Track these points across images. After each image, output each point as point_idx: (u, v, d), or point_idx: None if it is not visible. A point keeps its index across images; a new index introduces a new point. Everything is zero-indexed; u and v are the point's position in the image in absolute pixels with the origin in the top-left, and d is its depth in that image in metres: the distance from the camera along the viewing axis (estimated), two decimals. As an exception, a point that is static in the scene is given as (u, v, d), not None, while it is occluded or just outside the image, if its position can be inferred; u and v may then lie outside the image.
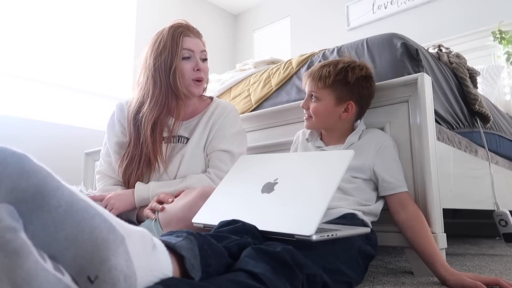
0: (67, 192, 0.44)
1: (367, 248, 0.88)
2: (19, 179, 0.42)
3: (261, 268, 0.56)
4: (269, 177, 0.84)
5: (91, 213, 0.44)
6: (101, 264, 0.41)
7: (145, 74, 1.21)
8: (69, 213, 0.43)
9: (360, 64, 1.11)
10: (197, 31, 1.25)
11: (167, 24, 1.24)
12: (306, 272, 0.63)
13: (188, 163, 1.20)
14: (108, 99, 3.60)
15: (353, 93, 1.08)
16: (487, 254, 1.54)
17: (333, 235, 0.71)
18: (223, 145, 1.22)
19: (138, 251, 0.45)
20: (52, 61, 3.26)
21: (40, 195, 0.42)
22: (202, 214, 0.88)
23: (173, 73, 1.17)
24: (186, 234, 0.56)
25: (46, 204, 0.42)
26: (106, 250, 0.42)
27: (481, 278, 0.84)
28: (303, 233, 0.66)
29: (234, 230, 0.69)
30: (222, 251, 0.59)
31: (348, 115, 1.09)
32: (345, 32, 3.87)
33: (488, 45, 2.90)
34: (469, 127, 1.58)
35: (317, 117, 1.10)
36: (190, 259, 0.52)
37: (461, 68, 1.56)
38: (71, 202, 0.43)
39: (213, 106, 1.30)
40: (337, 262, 0.75)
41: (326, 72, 1.08)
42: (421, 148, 1.05)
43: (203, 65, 1.23)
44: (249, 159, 0.98)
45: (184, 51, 1.18)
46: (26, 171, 0.42)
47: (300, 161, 0.88)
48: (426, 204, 1.03)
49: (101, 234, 0.42)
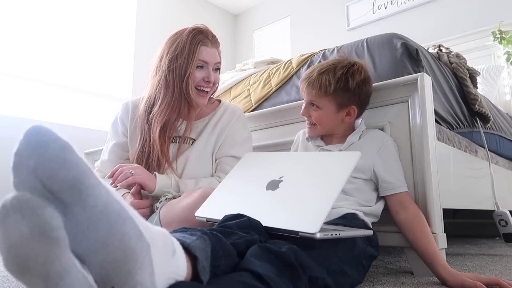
0: (104, 191, 0.42)
1: (368, 249, 0.88)
2: (59, 168, 0.39)
3: (265, 269, 0.56)
4: (274, 175, 0.84)
5: (123, 217, 0.42)
6: (127, 278, 0.40)
7: (158, 73, 1.21)
8: (104, 215, 0.41)
9: (359, 67, 1.09)
10: (215, 40, 1.24)
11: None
12: (309, 274, 0.63)
13: (193, 164, 1.20)
14: (108, 99, 3.60)
15: (354, 98, 1.07)
16: (487, 254, 1.54)
17: (337, 235, 0.71)
18: (234, 151, 1.23)
19: (161, 261, 0.45)
20: (52, 61, 3.26)
21: (77, 190, 0.40)
22: (205, 208, 0.88)
23: (187, 80, 1.17)
24: (200, 234, 0.56)
25: (82, 201, 0.40)
26: (134, 262, 0.41)
27: (481, 278, 0.84)
28: (308, 230, 0.66)
29: (239, 224, 0.69)
30: (231, 250, 0.60)
31: (351, 118, 1.09)
32: (345, 32, 3.87)
33: (488, 45, 2.90)
34: (469, 127, 1.58)
35: (321, 125, 1.10)
36: (203, 261, 0.52)
37: (461, 68, 1.56)
38: (107, 203, 0.42)
39: (221, 109, 1.30)
40: (340, 263, 0.75)
41: (325, 81, 1.06)
42: (421, 148, 1.05)
43: (214, 75, 1.23)
44: (254, 157, 0.98)
45: (199, 61, 1.18)
46: (67, 161, 0.40)
47: (306, 160, 0.88)
48: (426, 204, 1.03)
49: (130, 243, 0.41)
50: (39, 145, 0.39)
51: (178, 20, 4.33)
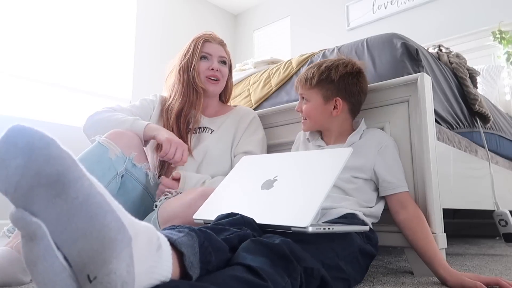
0: (86, 183, 0.44)
1: (367, 247, 0.88)
2: (45, 164, 0.42)
3: (259, 262, 0.57)
4: (269, 175, 0.85)
5: (105, 209, 0.43)
6: (102, 265, 0.41)
7: (173, 75, 1.38)
8: (84, 206, 0.42)
9: (345, 61, 1.13)
10: (220, 40, 1.41)
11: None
12: (304, 265, 0.63)
13: (213, 153, 1.28)
14: (108, 99, 3.60)
15: (340, 90, 1.09)
16: (487, 254, 1.54)
17: (330, 229, 0.72)
18: (250, 147, 1.31)
19: (142, 254, 0.45)
20: (52, 61, 3.26)
21: (61, 183, 0.42)
22: (202, 211, 0.89)
23: (193, 70, 1.32)
24: (188, 230, 0.56)
25: (64, 193, 0.42)
26: (110, 252, 0.42)
27: (481, 278, 0.84)
28: (299, 224, 0.67)
29: (232, 222, 0.69)
30: (222, 246, 0.60)
31: (338, 111, 1.10)
32: (345, 32, 3.87)
33: (488, 45, 2.90)
34: (469, 127, 1.58)
35: (309, 117, 1.13)
36: (190, 256, 0.52)
37: (461, 68, 1.56)
38: (88, 195, 0.43)
39: (237, 109, 1.42)
40: (335, 258, 0.75)
41: (310, 73, 1.12)
42: (421, 148, 1.05)
43: (220, 66, 1.36)
44: (251, 159, 1.00)
45: (202, 53, 1.35)
46: (52, 157, 0.42)
47: (300, 159, 0.89)
48: (426, 204, 1.03)
49: (109, 234, 0.42)
50: (25, 144, 0.42)
51: (178, 20, 4.33)
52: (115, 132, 1.11)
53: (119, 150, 1.07)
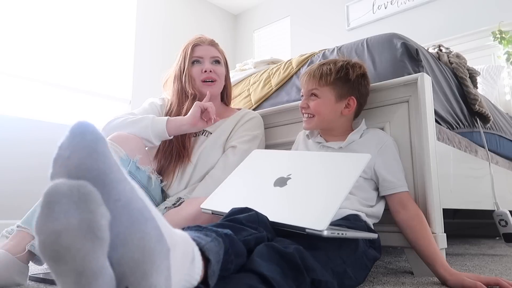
0: (128, 187, 0.41)
1: (371, 251, 0.88)
2: (88, 157, 0.39)
3: (271, 270, 0.58)
4: (282, 172, 0.84)
5: (145, 216, 0.41)
6: (142, 278, 0.39)
7: (170, 84, 1.40)
8: (126, 210, 0.40)
9: (358, 62, 1.14)
10: (210, 40, 1.40)
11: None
12: (313, 276, 0.64)
13: (206, 153, 1.28)
14: (108, 99, 3.60)
15: (354, 90, 1.09)
16: (487, 254, 1.54)
17: (343, 234, 0.71)
18: (236, 142, 1.28)
19: (178, 267, 0.45)
20: (52, 61, 3.26)
21: (102, 182, 0.39)
22: (211, 201, 0.88)
23: (185, 77, 1.34)
24: (215, 235, 0.56)
25: (105, 193, 0.39)
26: (150, 264, 0.40)
27: (481, 278, 0.84)
28: (315, 227, 0.66)
29: (248, 218, 0.69)
30: (242, 250, 0.60)
31: (349, 110, 1.10)
32: (345, 32, 3.87)
33: (488, 45, 2.90)
34: (469, 127, 1.58)
35: (319, 114, 1.10)
36: (214, 265, 0.53)
37: (461, 68, 1.56)
38: (131, 199, 0.41)
39: (241, 112, 1.40)
40: (343, 265, 0.75)
41: (327, 69, 1.09)
42: (421, 148, 1.05)
43: (214, 67, 1.35)
44: (262, 154, 0.99)
45: (193, 58, 1.35)
46: (96, 152, 0.40)
47: (315, 159, 0.88)
48: (426, 204, 1.03)
49: (149, 243, 0.40)
50: (77, 136, 0.39)
51: (178, 20, 4.33)
52: (119, 135, 1.11)
53: (124, 152, 1.07)
